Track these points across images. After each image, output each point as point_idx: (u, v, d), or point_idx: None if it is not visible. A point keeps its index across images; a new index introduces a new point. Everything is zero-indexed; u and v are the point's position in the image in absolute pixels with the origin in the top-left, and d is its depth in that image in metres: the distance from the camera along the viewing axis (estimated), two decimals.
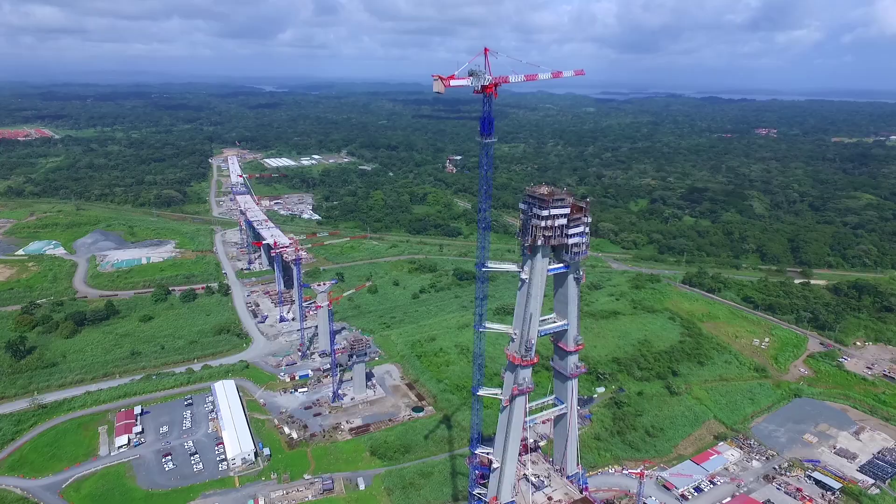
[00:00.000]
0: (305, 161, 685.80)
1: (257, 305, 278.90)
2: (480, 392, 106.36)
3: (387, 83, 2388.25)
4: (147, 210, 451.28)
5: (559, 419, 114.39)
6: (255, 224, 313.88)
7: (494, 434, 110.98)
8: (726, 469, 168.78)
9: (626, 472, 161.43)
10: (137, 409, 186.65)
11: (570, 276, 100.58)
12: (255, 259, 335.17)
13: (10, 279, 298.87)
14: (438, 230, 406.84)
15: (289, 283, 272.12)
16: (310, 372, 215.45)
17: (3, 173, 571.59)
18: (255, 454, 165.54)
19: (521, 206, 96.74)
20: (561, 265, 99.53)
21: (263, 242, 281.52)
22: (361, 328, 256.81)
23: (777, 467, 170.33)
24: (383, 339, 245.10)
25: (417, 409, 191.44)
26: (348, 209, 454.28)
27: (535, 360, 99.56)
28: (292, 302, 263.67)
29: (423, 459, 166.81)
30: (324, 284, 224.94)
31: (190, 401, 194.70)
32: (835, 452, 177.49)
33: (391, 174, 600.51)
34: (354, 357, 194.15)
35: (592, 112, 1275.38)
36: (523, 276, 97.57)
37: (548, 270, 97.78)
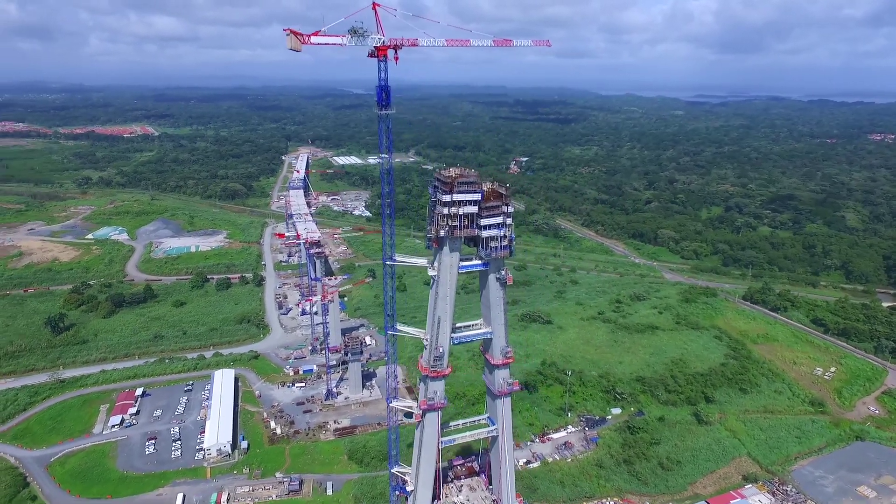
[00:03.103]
0: (372, 160, 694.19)
1: (285, 297, 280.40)
2: (394, 403, 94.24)
3: (471, 86, 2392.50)
4: (212, 202, 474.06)
5: (495, 442, 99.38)
6: (294, 217, 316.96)
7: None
8: None
9: None
10: (139, 391, 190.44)
11: (492, 277, 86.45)
12: (295, 252, 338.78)
13: (72, 260, 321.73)
14: None
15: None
16: (314, 367, 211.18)
17: (102, 165, 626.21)
18: (233, 446, 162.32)
19: (430, 189, 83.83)
20: (478, 262, 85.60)
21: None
22: (379, 326, 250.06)
23: None
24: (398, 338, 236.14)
25: (409, 415, 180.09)
26: (399, 207, 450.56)
27: (447, 372, 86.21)
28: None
29: None
30: (335, 279, 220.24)
31: (190, 387, 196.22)
32: None
33: None
34: (349, 356, 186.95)
35: (680, 115, 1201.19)
36: (431, 272, 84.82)
37: (460, 268, 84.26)
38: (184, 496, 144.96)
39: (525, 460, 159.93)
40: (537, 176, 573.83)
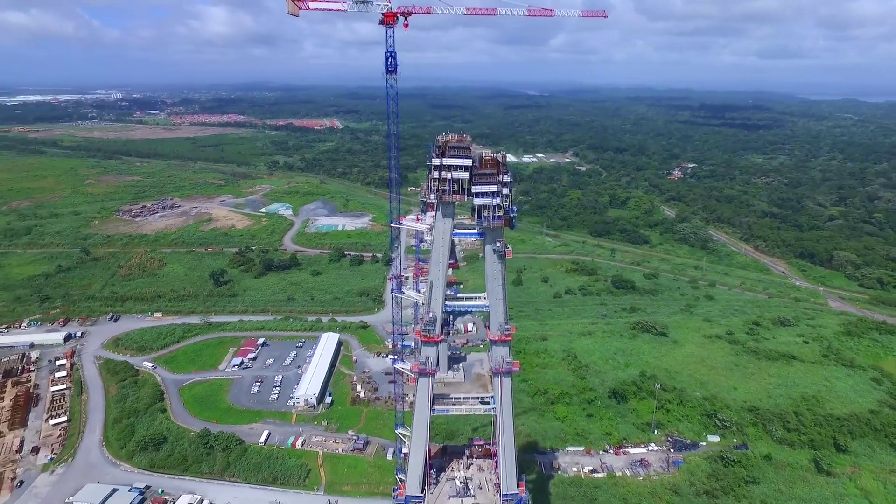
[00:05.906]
0: (527, 158, 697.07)
1: (406, 278, 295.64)
2: (397, 365, 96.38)
3: (654, 88, 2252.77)
4: (369, 188, 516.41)
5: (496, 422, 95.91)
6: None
7: None
8: None
9: None
10: (260, 341, 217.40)
11: (489, 248, 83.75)
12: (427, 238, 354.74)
13: (245, 228, 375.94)
14: (623, 235, 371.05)
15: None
16: (413, 343, 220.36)
17: (290, 152, 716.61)
18: (318, 400, 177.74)
19: (428, 154, 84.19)
20: (473, 231, 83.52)
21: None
22: (483, 315, 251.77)
23: None
24: None
25: (484, 402, 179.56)
26: (539, 205, 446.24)
27: (440, 338, 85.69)
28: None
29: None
30: None
31: (301, 344, 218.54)
32: None
33: (603, 175, 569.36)
34: None
35: None
36: (427, 237, 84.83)
37: (456, 234, 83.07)
38: (269, 434, 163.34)
39: (591, 468, 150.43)
40: (700, 183, 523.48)
